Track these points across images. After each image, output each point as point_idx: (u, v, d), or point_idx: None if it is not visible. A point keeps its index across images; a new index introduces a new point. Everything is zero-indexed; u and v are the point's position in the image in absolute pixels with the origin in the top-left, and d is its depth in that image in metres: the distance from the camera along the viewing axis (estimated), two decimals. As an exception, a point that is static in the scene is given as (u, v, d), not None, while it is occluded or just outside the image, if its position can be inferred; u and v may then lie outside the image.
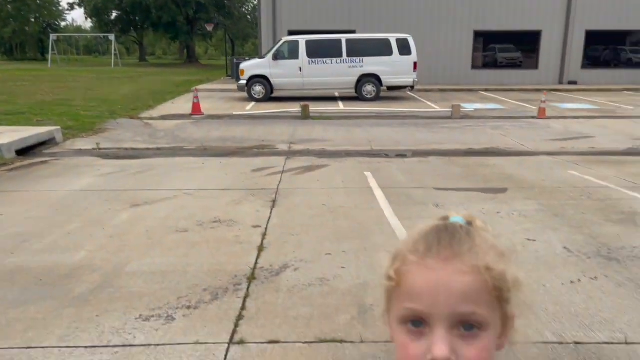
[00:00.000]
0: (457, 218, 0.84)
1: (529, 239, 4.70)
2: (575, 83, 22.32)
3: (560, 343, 2.98)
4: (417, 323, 0.76)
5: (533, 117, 12.82)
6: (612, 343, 2.99)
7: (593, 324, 3.19)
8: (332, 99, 16.82)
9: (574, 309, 3.39)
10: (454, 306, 0.74)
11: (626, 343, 2.99)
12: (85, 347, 2.94)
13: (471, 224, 0.83)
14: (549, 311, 3.36)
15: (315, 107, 13.75)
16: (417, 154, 8.68)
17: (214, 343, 2.98)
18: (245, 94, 16.01)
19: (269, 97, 15.80)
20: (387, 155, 8.59)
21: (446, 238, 0.79)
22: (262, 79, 15.69)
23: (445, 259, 0.76)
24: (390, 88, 16.42)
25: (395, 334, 0.80)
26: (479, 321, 0.75)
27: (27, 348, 2.93)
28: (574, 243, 4.60)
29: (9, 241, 4.59)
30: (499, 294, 0.77)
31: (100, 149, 8.92)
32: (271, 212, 5.46)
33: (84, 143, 9.43)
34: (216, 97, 17.19)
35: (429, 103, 16.03)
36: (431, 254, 0.77)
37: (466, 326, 0.75)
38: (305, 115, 12.43)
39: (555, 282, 3.79)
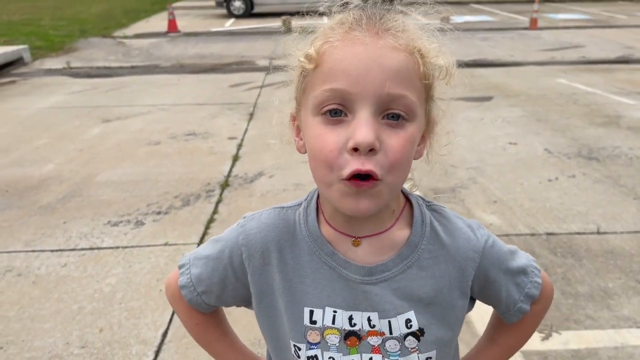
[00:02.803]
0: None
1: (510, 143, 4.61)
2: (570, -6, 21.33)
3: (533, 235, 2.97)
4: (336, 112, 0.63)
5: (524, 28, 12.35)
6: (584, 233, 2.98)
7: (567, 217, 3.18)
8: (317, 13, 16.00)
9: (549, 204, 3.37)
10: (384, 85, 0.61)
11: (598, 233, 2.98)
12: (52, 250, 2.89)
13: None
14: (524, 207, 3.33)
15: (298, 22, 13.10)
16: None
17: (183, 244, 2.93)
18: (224, 10, 15.18)
19: (250, 13, 15.01)
20: (371, 68, 8.29)
21: (377, 14, 0.66)
22: (242, -7, 14.79)
23: (376, 33, 0.64)
24: (378, 1, 15.58)
25: (309, 130, 0.66)
26: (408, 107, 0.63)
27: (-9, 253, 2.87)
28: (555, 145, 4.52)
29: (-27, 157, 4.42)
30: (428, 84, 0.66)
31: (70, 68, 8.50)
32: (248, 125, 5.29)
33: (54, 62, 8.97)
34: (193, 14, 16.30)
35: (417, 16, 15.31)
36: (360, 28, 0.64)
37: (392, 115, 0.63)
38: (287, 30, 11.85)
39: (532, 181, 3.75)
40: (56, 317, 2.33)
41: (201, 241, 2.96)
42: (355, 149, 0.61)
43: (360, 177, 0.62)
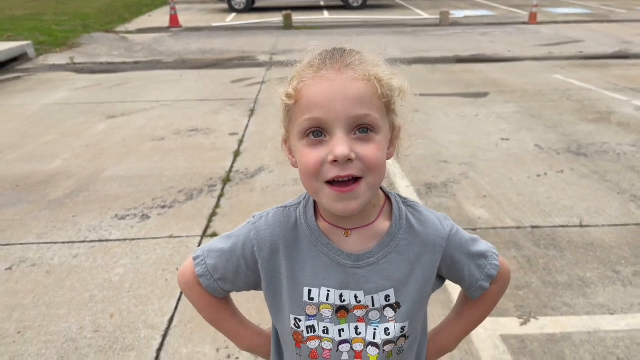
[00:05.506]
0: None
1: (503, 139, 4.75)
2: (571, -12, 21.29)
3: (518, 227, 3.13)
4: (317, 133, 0.80)
5: (524, 23, 12.43)
6: (567, 226, 3.14)
7: (552, 211, 3.33)
8: (317, 8, 16.11)
9: (536, 198, 3.52)
10: (350, 109, 0.78)
11: (581, 226, 3.13)
12: (63, 242, 3.06)
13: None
14: (512, 201, 3.49)
15: (298, 17, 13.21)
16: (400, 62, 8.50)
17: (187, 236, 3.10)
18: (225, 5, 15.28)
19: (251, 7, 15.10)
20: (370, 64, 8.39)
21: (338, 53, 0.84)
22: (243, -13, 14.88)
23: (338, 69, 0.81)
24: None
25: (297, 151, 0.84)
26: (373, 123, 0.80)
27: (6, 245, 3.04)
28: (546, 141, 4.66)
29: (-16, 152, 4.58)
30: (387, 101, 0.83)
31: (74, 63, 8.65)
32: (249, 121, 5.44)
33: (58, 58, 9.11)
34: (195, 8, 16.40)
35: (417, 10, 15.42)
36: (326, 67, 0.81)
37: (361, 129, 0.80)
38: (287, 25, 11.96)
39: (522, 176, 3.90)
40: (70, 304, 2.50)
41: (204, 234, 3.12)
42: (335, 161, 0.78)
43: (341, 183, 0.80)
